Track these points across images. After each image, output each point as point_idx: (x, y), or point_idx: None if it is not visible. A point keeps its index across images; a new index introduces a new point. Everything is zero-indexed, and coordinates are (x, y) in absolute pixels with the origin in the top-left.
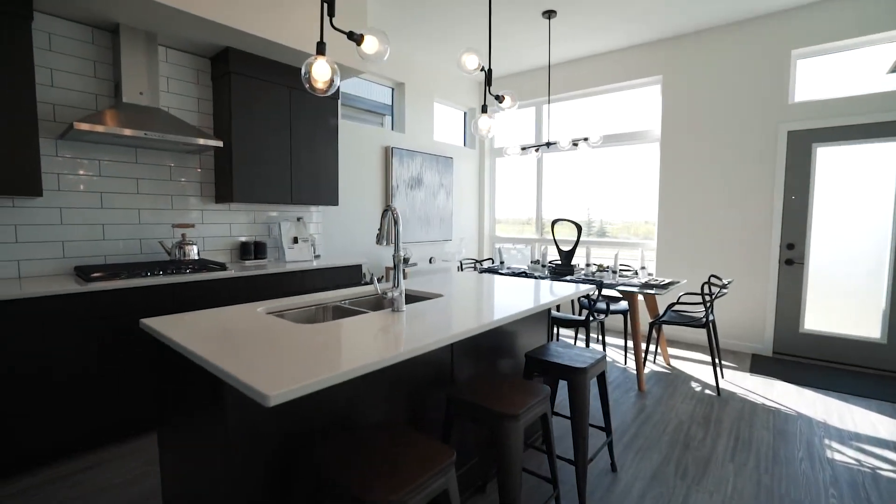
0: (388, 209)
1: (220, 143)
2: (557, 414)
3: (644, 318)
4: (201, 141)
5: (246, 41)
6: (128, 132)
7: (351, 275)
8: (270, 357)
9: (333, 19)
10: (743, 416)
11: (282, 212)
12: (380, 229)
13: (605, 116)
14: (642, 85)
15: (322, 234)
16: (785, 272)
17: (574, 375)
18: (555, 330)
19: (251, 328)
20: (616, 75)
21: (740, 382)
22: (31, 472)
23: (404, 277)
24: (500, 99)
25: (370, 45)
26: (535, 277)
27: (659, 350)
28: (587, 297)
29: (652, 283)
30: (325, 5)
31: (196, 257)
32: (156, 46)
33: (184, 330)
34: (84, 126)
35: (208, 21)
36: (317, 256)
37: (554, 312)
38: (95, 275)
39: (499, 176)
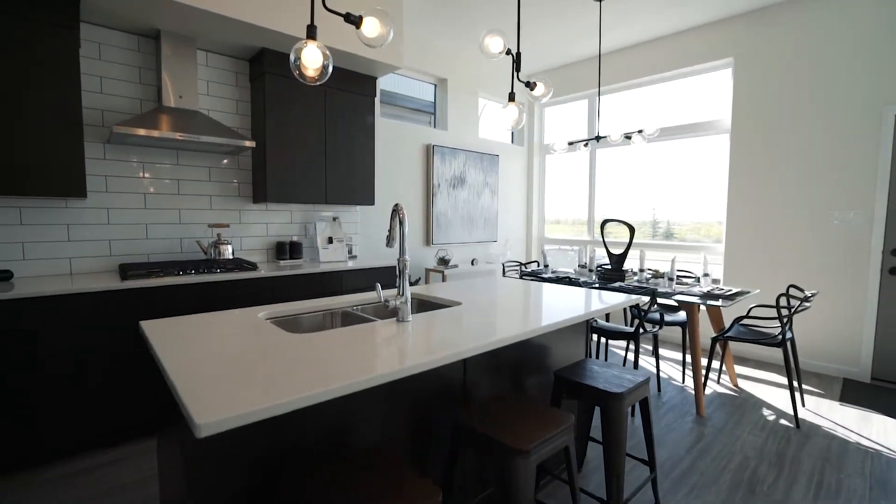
0: (395, 209)
1: (252, 144)
2: (594, 439)
3: (707, 332)
4: (234, 141)
5: (280, 41)
6: (157, 134)
7: (385, 276)
8: (239, 373)
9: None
10: (829, 457)
11: (318, 211)
12: (389, 230)
13: (664, 107)
14: (708, 70)
15: (360, 235)
16: (889, 283)
17: (608, 401)
18: (601, 341)
19: (239, 337)
20: (677, 61)
21: (826, 413)
22: (52, 465)
23: (443, 280)
24: (531, 86)
25: (370, 27)
26: (579, 284)
27: (725, 368)
28: (636, 305)
29: (716, 292)
30: None
31: (230, 257)
32: (194, 51)
33: (172, 335)
34: (122, 129)
35: (243, 23)
36: (353, 257)
37: (601, 321)
38: (133, 272)
39: (550, 174)
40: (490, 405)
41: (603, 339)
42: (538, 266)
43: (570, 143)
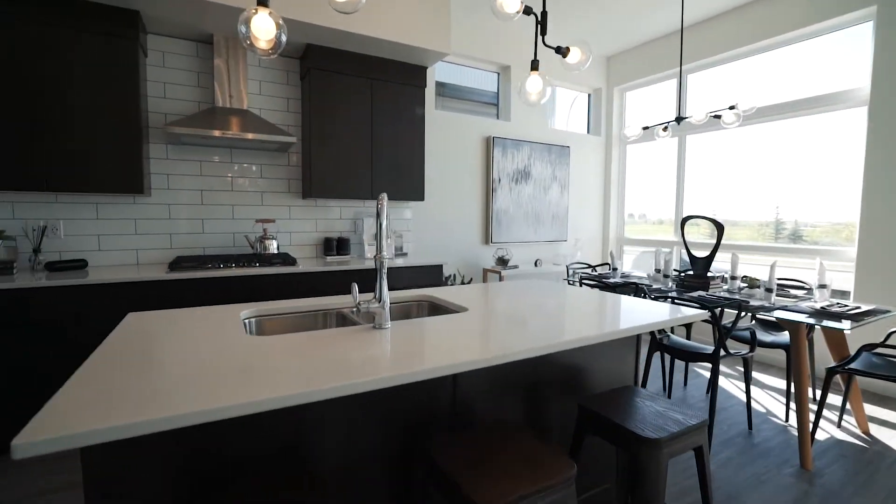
0: (378, 199)
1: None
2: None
3: (825, 360)
4: (275, 137)
5: (323, 35)
6: (202, 132)
7: (431, 275)
8: (146, 379)
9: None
10: None
11: (368, 207)
12: (378, 225)
13: (775, 80)
14: (833, 29)
15: (412, 231)
16: None
17: (638, 448)
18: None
19: (193, 339)
20: (796, 19)
21: None
22: None
23: (499, 279)
24: (563, 52)
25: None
26: (648, 291)
27: (849, 407)
28: (713, 320)
29: (834, 309)
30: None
31: (275, 251)
32: (243, 53)
33: (136, 332)
34: (172, 129)
35: (286, 20)
36: (403, 254)
37: (675, 337)
38: (183, 265)
39: (632, 167)
40: (466, 440)
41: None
42: (608, 269)
43: (645, 129)
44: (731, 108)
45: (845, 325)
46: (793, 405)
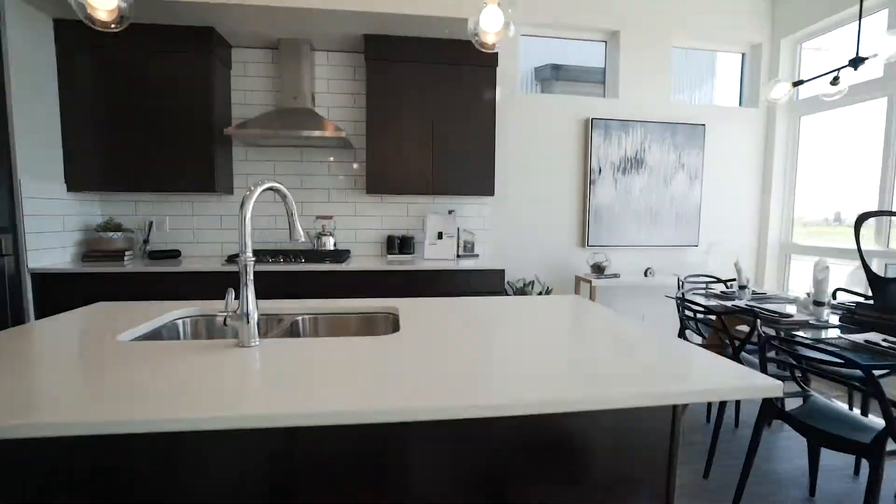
0: (273, 188)
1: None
2: None
3: None
4: (327, 133)
5: (381, 23)
6: (257, 132)
7: (487, 280)
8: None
9: None
10: None
11: (438, 204)
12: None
13: None
14: None
15: (489, 231)
16: None
17: None
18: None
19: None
20: None
21: None
22: None
23: (590, 294)
24: None
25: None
26: (761, 318)
27: None
28: (864, 384)
29: None
30: None
31: (331, 248)
32: (307, 52)
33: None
34: (230, 131)
35: (343, 11)
36: (473, 255)
37: (817, 397)
38: (235, 259)
39: (808, 147)
40: None
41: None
42: (732, 287)
43: (796, 84)
44: None
45: None
46: None
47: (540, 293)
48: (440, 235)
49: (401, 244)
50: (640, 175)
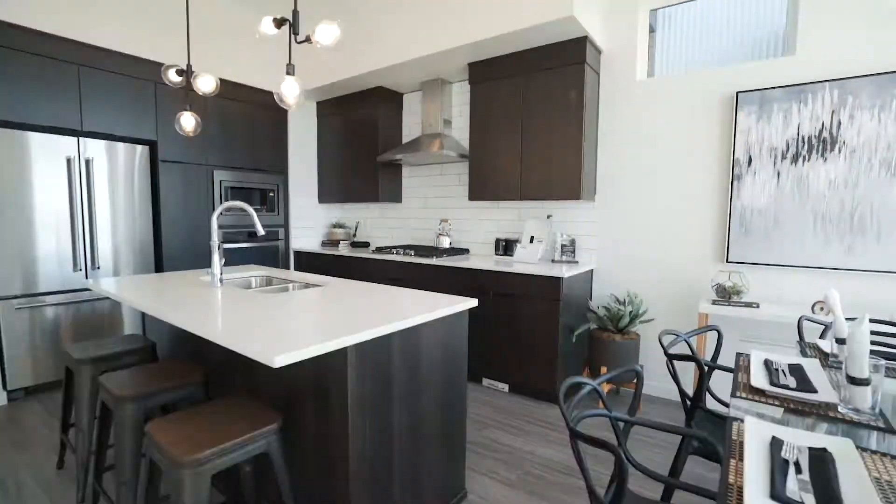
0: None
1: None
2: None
3: None
4: (432, 150)
5: (479, 50)
6: (389, 157)
7: (542, 287)
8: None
9: None
10: None
11: (536, 209)
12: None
13: None
14: None
15: (595, 237)
16: None
17: None
18: None
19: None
20: None
21: None
22: None
23: (706, 324)
24: None
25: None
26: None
27: None
28: None
29: None
30: None
31: (446, 246)
32: (439, 86)
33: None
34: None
35: (443, 52)
36: (572, 262)
37: None
38: (383, 249)
39: None
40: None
41: None
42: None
43: None
44: None
45: None
46: None
47: (634, 317)
48: (532, 239)
49: (505, 246)
50: (829, 162)
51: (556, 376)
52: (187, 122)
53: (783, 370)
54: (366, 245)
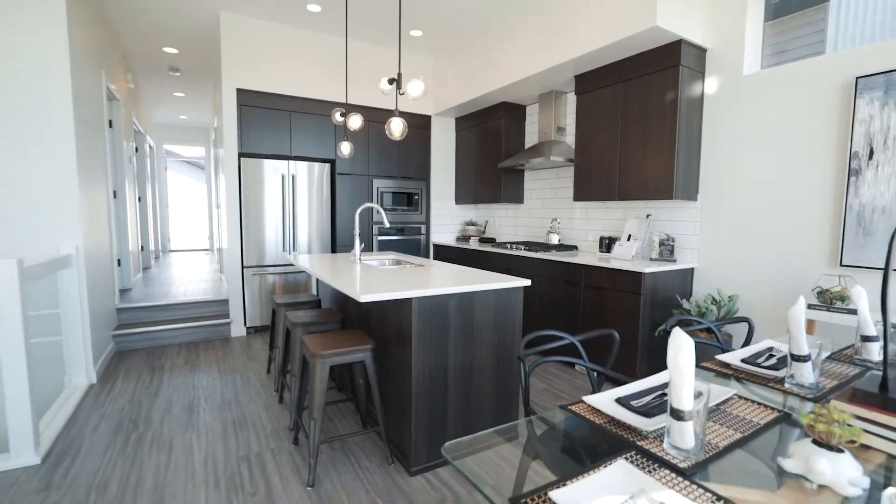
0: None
1: (559, 158)
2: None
3: None
4: (551, 157)
5: (585, 62)
6: (509, 163)
7: (626, 282)
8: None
9: None
10: None
11: (655, 209)
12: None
13: None
14: None
15: (696, 236)
16: None
17: None
18: None
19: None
20: None
21: None
22: None
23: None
24: None
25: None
26: None
27: None
28: None
29: None
30: None
31: (555, 243)
32: (552, 97)
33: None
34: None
35: (549, 70)
36: (669, 260)
37: None
38: (500, 244)
39: None
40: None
41: None
42: None
43: None
44: None
45: None
46: None
47: (722, 317)
48: (629, 238)
49: (608, 244)
50: None
51: (634, 370)
52: (344, 148)
53: (776, 355)
54: (492, 241)
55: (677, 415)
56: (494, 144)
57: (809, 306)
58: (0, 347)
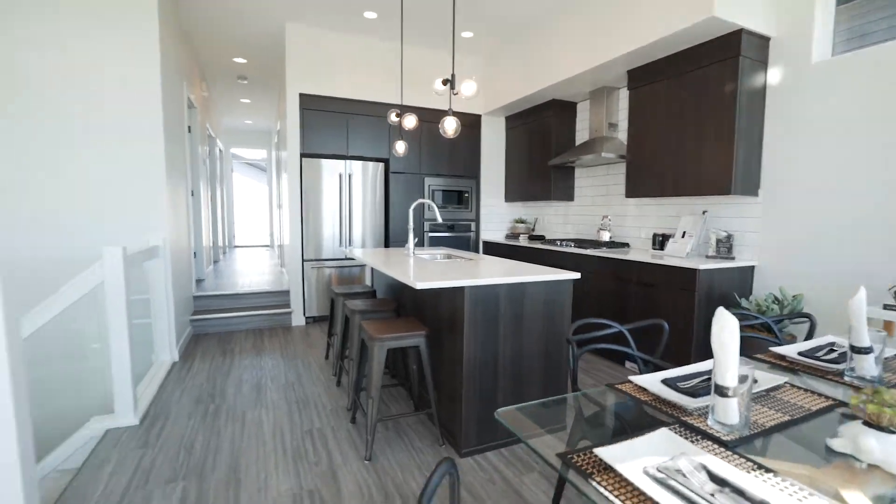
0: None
1: (610, 155)
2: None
3: None
4: (602, 154)
5: (639, 56)
6: (559, 161)
7: (680, 279)
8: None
9: None
10: None
11: (712, 205)
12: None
13: None
14: None
15: (757, 233)
16: None
17: None
18: None
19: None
20: None
21: None
22: None
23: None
24: None
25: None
26: None
27: None
28: None
29: None
30: None
31: (605, 240)
32: (603, 93)
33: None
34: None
35: (605, 64)
36: (728, 258)
37: None
38: (550, 240)
39: None
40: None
41: None
42: None
43: None
44: None
45: None
46: None
47: (783, 314)
48: (683, 234)
49: (661, 241)
50: None
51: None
52: (399, 147)
53: (837, 350)
54: (541, 238)
55: (721, 391)
56: (544, 142)
57: (886, 307)
58: (109, 324)
